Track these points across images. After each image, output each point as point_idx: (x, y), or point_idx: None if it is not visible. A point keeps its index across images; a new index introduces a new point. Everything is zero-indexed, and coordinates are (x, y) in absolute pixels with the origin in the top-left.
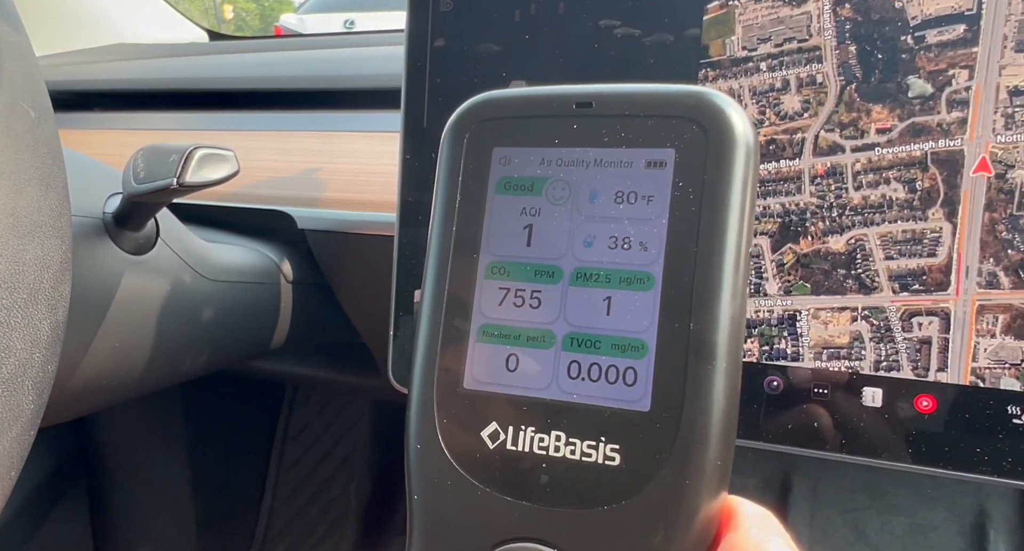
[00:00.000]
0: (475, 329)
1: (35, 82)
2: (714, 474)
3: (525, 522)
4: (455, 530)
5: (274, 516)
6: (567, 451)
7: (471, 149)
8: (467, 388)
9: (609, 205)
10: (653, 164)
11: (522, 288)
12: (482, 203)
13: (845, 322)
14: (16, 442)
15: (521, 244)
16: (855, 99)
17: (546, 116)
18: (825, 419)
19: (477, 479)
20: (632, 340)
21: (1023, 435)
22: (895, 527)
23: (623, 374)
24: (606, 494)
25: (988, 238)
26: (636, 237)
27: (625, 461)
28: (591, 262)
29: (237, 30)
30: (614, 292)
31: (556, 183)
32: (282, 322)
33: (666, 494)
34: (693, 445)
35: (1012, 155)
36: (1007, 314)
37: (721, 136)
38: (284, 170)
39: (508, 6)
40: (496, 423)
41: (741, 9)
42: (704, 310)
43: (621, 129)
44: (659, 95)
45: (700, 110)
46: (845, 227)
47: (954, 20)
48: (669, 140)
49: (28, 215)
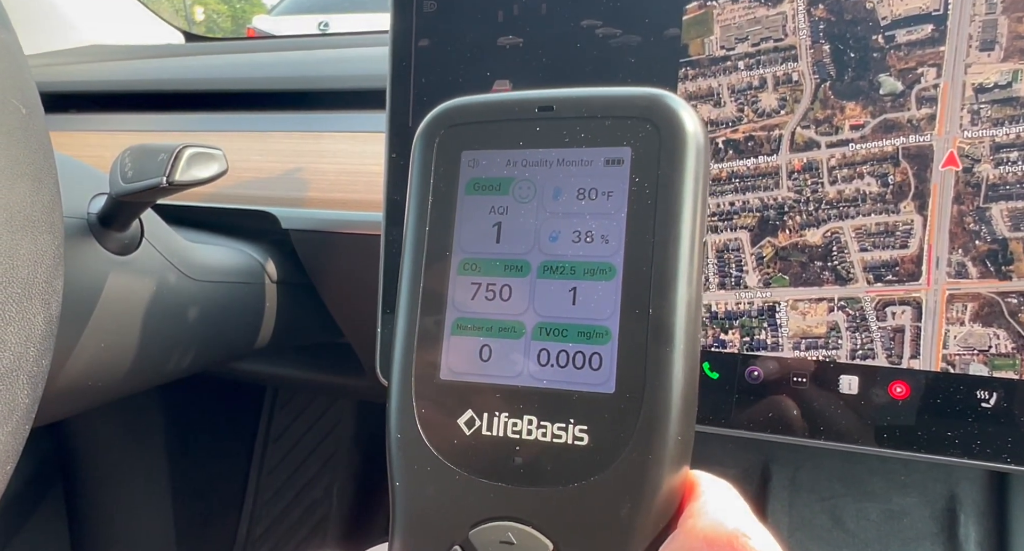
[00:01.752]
0: (450, 322)
1: (25, 79)
2: (675, 449)
3: (501, 502)
4: (435, 513)
5: (255, 519)
6: (539, 434)
7: (441, 153)
8: (443, 379)
9: (572, 202)
10: (611, 162)
11: (493, 282)
12: (453, 203)
13: (822, 312)
14: (12, 436)
15: (491, 241)
16: (829, 96)
17: (511, 120)
18: (804, 407)
19: (455, 464)
20: (597, 327)
21: (991, 418)
22: (870, 513)
23: (589, 359)
24: (576, 472)
25: (957, 230)
26: (598, 231)
27: (593, 440)
28: (557, 255)
29: (208, 32)
30: (579, 283)
31: (522, 183)
32: (266, 322)
33: (631, 469)
34: (655, 423)
35: (978, 150)
36: (975, 302)
37: (673, 134)
38: (267, 170)
39: (491, 7)
40: (472, 410)
41: (719, 9)
42: (662, 297)
43: (581, 130)
44: (616, 98)
45: (653, 110)
46: (821, 221)
47: (922, 20)
48: (626, 139)
49: (21, 210)
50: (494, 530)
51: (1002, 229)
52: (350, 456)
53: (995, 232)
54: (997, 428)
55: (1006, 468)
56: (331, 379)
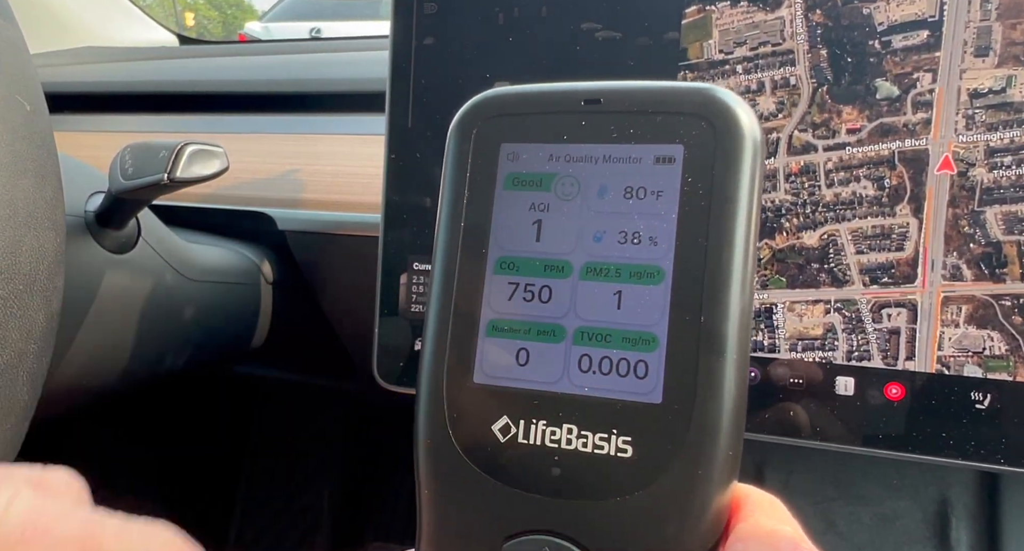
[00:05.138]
0: (484, 324)
1: (30, 76)
2: (725, 464)
3: (537, 515)
4: (466, 524)
5: (246, 522)
6: (579, 444)
7: (478, 145)
8: (477, 382)
9: (619, 200)
10: (662, 160)
11: (532, 283)
12: (490, 199)
13: (819, 314)
14: (12, 432)
15: (530, 239)
16: (827, 100)
17: (554, 112)
18: (800, 408)
19: (488, 473)
20: (643, 333)
21: (985, 420)
22: (863, 517)
23: (634, 367)
24: (618, 486)
25: (952, 233)
26: (646, 232)
27: (637, 453)
28: (601, 257)
29: (199, 38)
30: (624, 286)
31: (565, 179)
32: (262, 323)
33: (678, 485)
34: (705, 436)
35: (973, 154)
36: (970, 305)
37: (729, 132)
38: (264, 172)
39: (491, 9)
40: (507, 417)
41: (718, 14)
42: (714, 303)
43: (630, 125)
44: (668, 92)
45: (708, 107)
46: (818, 223)
47: (918, 26)
48: (678, 136)
49: (24, 206)
50: (529, 544)
51: (996, 232)
52: (342, 460)
53: (989, 235)
54: (991, 429)
55: (1000, 469)
56: (325, 381)
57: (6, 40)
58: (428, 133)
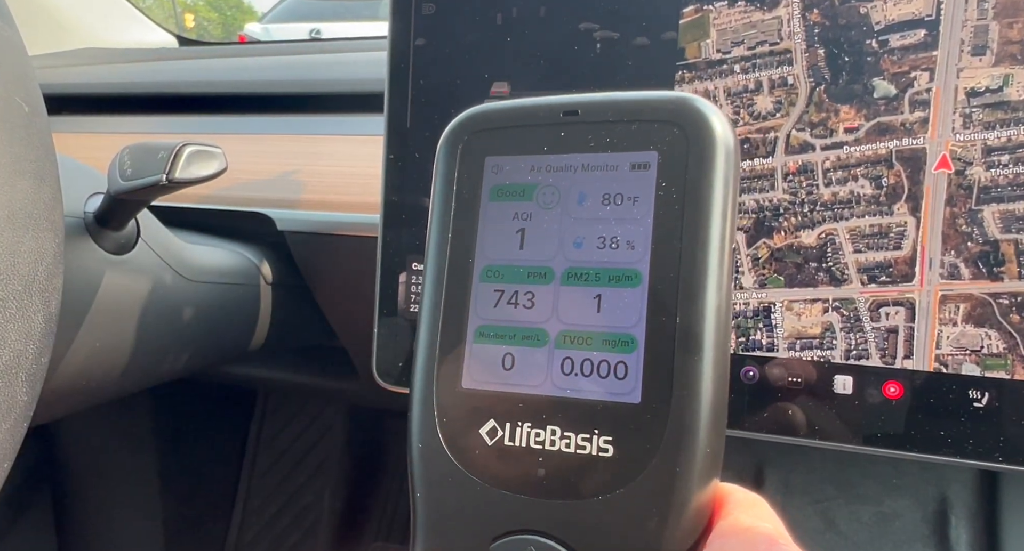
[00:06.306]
0: (472, 330)
1: (28, 77)
2: (704, 462)
3: (524, 515)
4: (457, 525)
5: (245, 525)
6: (562, 444)
7: (464, 159)
8: (465, 387)
9: (597, 207)
10: (637, 166)
11: (516, 289)
12: (476, 210)
13: (817, 313)
14: (10, 434)
15: (514, 248)
16: (824, 100)
17: (535, 125)
18: (799, 407)
19: (476, 475)
20: (622, 335)
21: (983, 418)
22: (863, 516)
23: (614, 368)
24: (601, 484)
25: (949, 231)
26: (623, 236)
27: (618, 452)
28: (581, 262)
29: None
30: (604, 290)
31: (546, 188)
32: (261, 324)
33: (657, 483)
34: (683, 434)
35: (970, 153)
36: (968, 303)
37: (701, 138)
38: (263, 173)
39: (489, 9)
40: (494, 420)
41: (716, 13)
42: (690, 304)
43: (606, 134)
44: (642, 101)
45: (681, 114)
46: (816, 222)
47: (915, 25)
48: (652, 143)
49: (23, 207)
50: (516, 543)
51: (993, 231)
52: (341, 461)
53: (987, 234)
54: (989, 427)
55: (998, 467)
56: (324, 382)
57: (4, 41)
58: (426, 133)
